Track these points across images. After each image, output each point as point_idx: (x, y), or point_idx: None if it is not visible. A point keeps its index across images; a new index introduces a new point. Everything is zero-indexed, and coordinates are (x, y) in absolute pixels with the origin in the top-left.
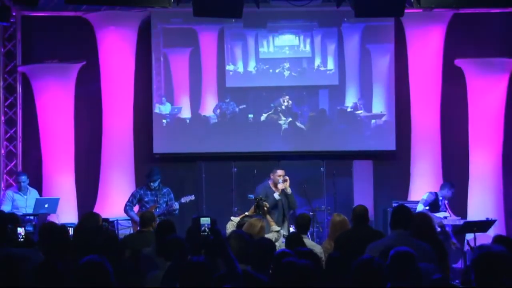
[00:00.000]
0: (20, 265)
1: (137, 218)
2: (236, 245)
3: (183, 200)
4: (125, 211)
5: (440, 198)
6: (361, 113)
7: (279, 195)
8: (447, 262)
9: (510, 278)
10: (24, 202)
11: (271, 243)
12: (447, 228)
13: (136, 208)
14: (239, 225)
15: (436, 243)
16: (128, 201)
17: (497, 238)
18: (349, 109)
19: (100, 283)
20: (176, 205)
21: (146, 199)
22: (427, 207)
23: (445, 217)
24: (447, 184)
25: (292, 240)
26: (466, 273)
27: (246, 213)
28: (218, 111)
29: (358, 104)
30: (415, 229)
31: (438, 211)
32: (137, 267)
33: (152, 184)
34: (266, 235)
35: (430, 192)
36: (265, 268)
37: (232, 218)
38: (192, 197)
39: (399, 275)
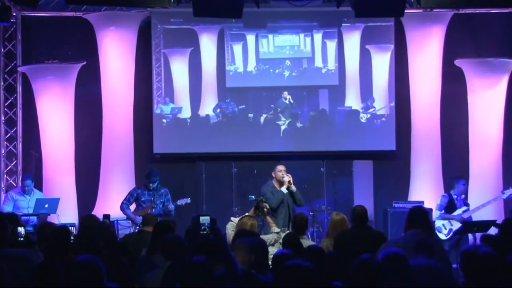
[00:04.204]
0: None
1: (133, 216)
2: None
3: (179, 202)
4: (122, 209)
5: (455, 196)
6: (373, 110)
7: (286, 189)
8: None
9: (501, 278)
10: (27, 203)
11: (265, 243)
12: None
13: (132, 207)
14: None
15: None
16: (125, 199)
17: (483, 238)
18: (361, 111)
19: (92, 283)
20: (172, 206)
21: (143, 199)
22: (443, 211)
23: (464, 211)
24: (454, 180)
25: (289, 241)
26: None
27: (246, 214)
28: (218, 110)
29: (369, 104)
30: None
31: (455, 210)
32: (136, 267)
33: (151, 185)
34: (266, 236)
35: (443, 195)
36: (263, 268)
37: (232, 218)
38: (188, 200)
39: (391, 276)
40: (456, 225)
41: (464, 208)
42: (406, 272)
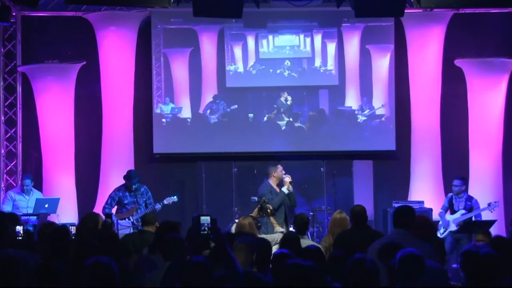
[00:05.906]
0: (18, 266)
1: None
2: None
3: (165, 201)
4: (104, 213)
5: (454, 197)
6: (367, 112)
7: (287, 190)
8: (444, 263)
9: (501, 279)
10: (26, 203)
11: (269, 244)
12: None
13: (113, 210)
14: None
15: (435, 243)
16: (106, 203)
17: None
18: (356, 112)
19: (106, 283)
20: (159, 206)
21: (125, 201)
22: (441, 211)
23: (463, 214)
24: (453, 181)
25: (288, 241)
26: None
27: (251, 215)
28: (208, 112)
29: (364, 106)
30: (415, 230)
31: (454, 212)
32: (136, 267)
33: (133, 186)
34: (271, 235)
35: (448, 195)
36: (264, 268)
37: (236, 221)
38: (175, 199)
39: (408, 277)
40: (453, 226)
41: (462, 211)
42: (422, 273)
